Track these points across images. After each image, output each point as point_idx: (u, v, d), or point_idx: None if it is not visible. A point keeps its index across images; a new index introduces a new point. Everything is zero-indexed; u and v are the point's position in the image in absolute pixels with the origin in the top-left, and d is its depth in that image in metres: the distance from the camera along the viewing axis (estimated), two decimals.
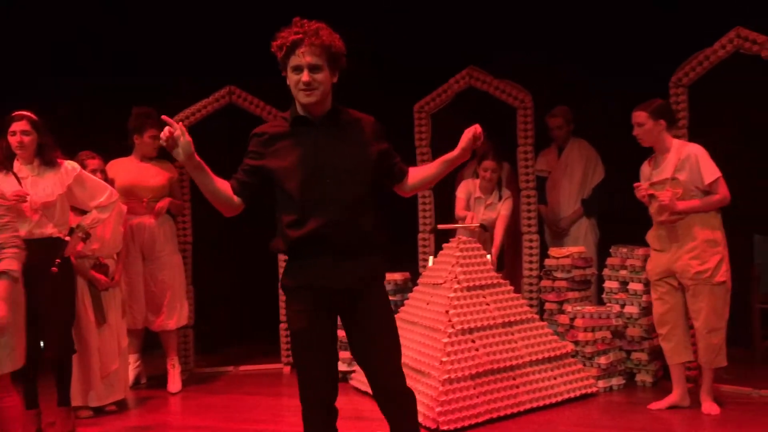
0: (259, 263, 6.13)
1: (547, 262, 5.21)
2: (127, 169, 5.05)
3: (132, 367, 5.12)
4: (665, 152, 4.22)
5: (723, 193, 4.10)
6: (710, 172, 4.10)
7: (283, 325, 5.58)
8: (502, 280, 4.73)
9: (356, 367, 4.92)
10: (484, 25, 5.94)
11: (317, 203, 2.61)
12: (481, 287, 4.58)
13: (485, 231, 4.99)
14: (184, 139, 2.53)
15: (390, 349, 2.74)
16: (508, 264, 5.66)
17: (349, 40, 2.73)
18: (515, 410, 4.22)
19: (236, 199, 2.72)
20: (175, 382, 5.07)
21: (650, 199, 4.25)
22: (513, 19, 5.98)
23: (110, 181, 4.69)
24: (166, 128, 2.52)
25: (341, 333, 2.81)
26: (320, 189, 2.62)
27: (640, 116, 4.21)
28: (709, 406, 4.18)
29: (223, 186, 2.70)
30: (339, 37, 2.66)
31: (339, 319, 2.78)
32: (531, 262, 5.45)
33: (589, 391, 4.60)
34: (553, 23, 5.93)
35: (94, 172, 4.51)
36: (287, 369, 5.54)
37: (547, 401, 4.37)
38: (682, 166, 4.15)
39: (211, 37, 6.18)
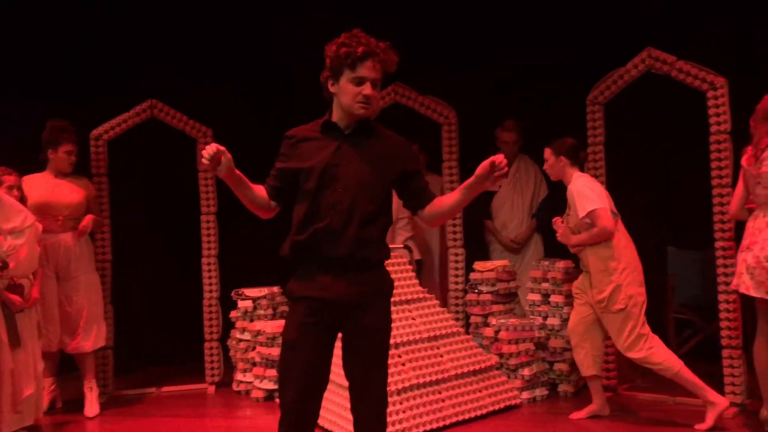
0: (181, 279, 6.01)
1: (472, 275, 5.28)
2: (42, 186, 4.86)
3: (47, 390, 4.91)
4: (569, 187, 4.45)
5: (600, 224, 4.21)
6: (582, 206, 4.25)
7: (207, 344, 5.46)
8: (427, 295, 4.76)
9: None
10: (409, 42, 6.00)
11: (327, 210, 2.61)
12: (407, 302, 4.61)
13: (410, 251, 5.00)
14: (226, 157, 2.57)
15: (373, 371, 2.68)
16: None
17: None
18: (440, 424, 4.23)
19: (272, 202, 2.78)
20: (92, 406, 4.88)
21: None
22: (438, 36, 6.08)
23: (26, 198, 4.53)
24: (208, 147, 2.54)
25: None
26: (331, 196, 2.61)
27: (545, 152, 4.48)
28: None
29: (261, 191, 2.76)
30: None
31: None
32: (457, 276, 5.51)
33: (513, 402, 4.67)
34: (476, 42, 6.05)
35: (10, 188, 4.35)
36: (212, 389, 5.42)
37: (473, 414, 4.41)
38: (569, 202, 4.39)
39: (132, 50, 6.07)
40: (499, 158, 2.51)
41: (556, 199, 5.63)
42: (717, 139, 4.51)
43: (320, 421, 4.24)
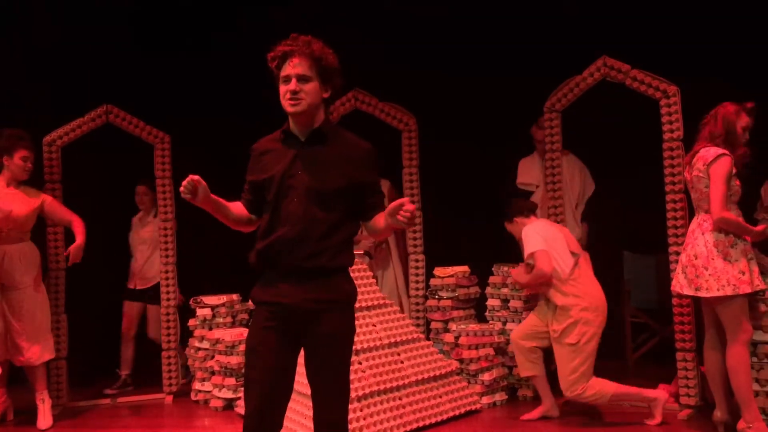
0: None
1: (433, 281, 5.30)
2: None
3: None
4: None
5: (538, 266, 4.39)
6: (526, 248, 4.46)
7: (164, 353, 5.37)
8: (388, 301, 4.76)
9: (241, 394, 4.80)
10: (370, 49, 6.01)
11: (285, 218, 2.64)
12: (368, 308, 4.60)
13: (370, 258, 5.00)
14: (201, 185, 2.61)
15: (333, 379, 2.68)
16: None
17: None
18: (401, 430, 4.23)
19: (252, 216, 2.82)
20: (45, 418, 4.75)
21: None
22: (399, 43, 6.09)
23: None
24: (184, 182, 2.56)
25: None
26: (288, 205, 2.64)
27: (507, 227, 4.75)
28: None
29: (239, 209, 2.80)
30: (332, 52, 2.70)
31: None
32: (417, 282, 5.53)
33: (473, 407, 4.69)
34: (437, 48, 6.07)
35: None
36: (169, 399, 5.33)
37: (433, 420, 4.42)
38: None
39: (90, 54, 5.97)
40: (405, 203, 2.48)
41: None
42: (670, 146, 4.60)
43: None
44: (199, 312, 5.30)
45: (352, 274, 4.48)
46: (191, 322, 5.35)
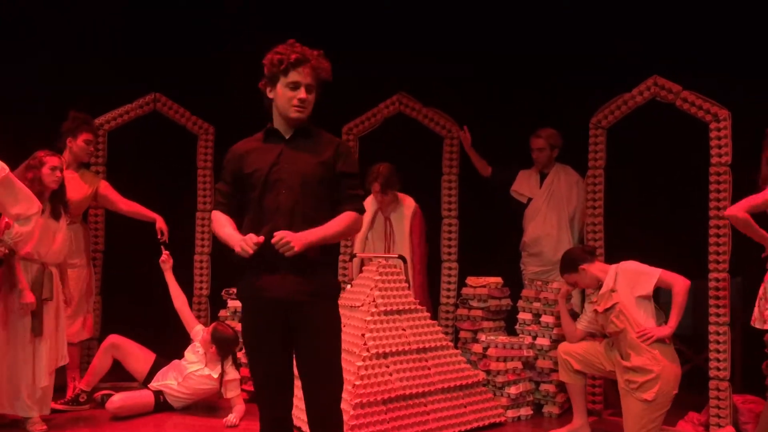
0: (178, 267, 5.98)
1: (464, 290, 5.27)
2: None
3: None
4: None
5: (677, 281, 4.16)
6: (649, 280, 4.22)
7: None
8: (419, 306, 4.75)
9: None
10: (417, 54, 6.01)
11: (272, 213, 2.73)
12: (398, 312, 4.58)
13: (405, 262, 4.97)
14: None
15: (325, 369, 2.78)
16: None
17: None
18: None
19: (234, 220, 2.85)
20: None
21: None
22: (447, 49, 6.08)
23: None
24: (253, 243, 2.63)
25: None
26: (276, 199, 2.72)
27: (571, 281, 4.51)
28: None
29: (230, 221, 2.82)
30: (330, 68, 2.85)
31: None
32: (449, 290, 5.50)
33: (497, 420, 4.65)
34: (484, 59, 6.04)
35: (53, 169, 4.31)
36: None
37: (456, 429, 4.40)
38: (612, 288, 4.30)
39: (137, 43, 6.06)
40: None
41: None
42: (717, 171, 4.52)
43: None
44: (231, 303, 5.34)
45: (383, 277, 4.53)
46: (222, 313, 5.40)
